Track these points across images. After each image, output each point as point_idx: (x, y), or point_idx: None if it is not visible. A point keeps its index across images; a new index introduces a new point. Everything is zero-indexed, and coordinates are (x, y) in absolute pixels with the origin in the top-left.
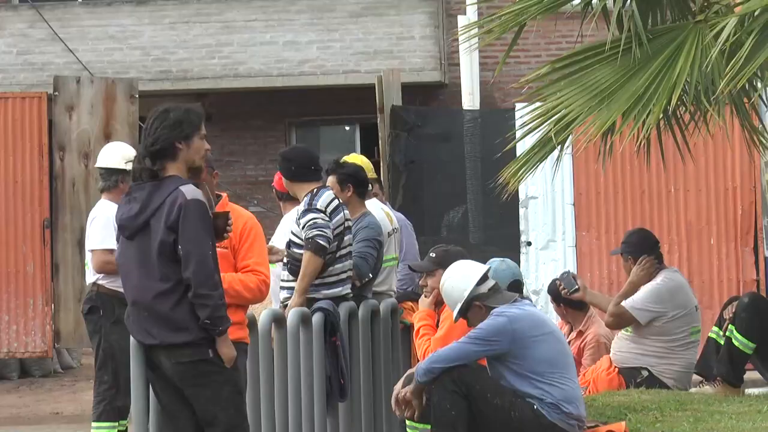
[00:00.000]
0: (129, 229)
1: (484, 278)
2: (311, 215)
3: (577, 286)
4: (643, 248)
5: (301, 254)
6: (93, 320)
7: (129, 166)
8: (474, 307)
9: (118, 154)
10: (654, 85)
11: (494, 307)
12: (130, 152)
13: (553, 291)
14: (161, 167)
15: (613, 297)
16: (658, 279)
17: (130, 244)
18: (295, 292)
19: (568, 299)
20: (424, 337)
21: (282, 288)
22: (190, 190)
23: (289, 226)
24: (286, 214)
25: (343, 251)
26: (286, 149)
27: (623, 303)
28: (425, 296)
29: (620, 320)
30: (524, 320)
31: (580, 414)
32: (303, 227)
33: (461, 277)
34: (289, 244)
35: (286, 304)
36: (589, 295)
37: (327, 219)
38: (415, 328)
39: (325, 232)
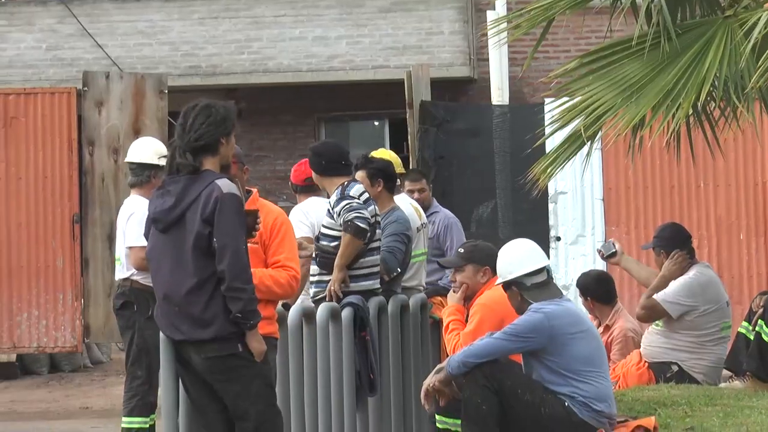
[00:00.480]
0: (163, 222)
1: (539, 271)
2: (345, 201)
3: (614, 250)
4: (675, 242)
5: (331, 247)
6: (126, 316)
7: (161, 162)
8: (511, 291)
9: (150, 150)
10: (683, 80)
11: (531, 302)
12: (162, 148)
13: (582, 285)
14: (200, 163)
15: (651, 269)
16: (690, 273)
17: (163, 237)
18: (335, 267)
19: (596, 294)
20: (454, 332)
21: (311, 283)
22: (225, 184)
23: (298, 217)
24: (297, 206)
25: (373, 245)
26: (316, 144)
27: (655, 296)
28: (454, 291)
29: (652, 313)
30: (562, 317)
31: (611, 412)
32: (339, 214)
33: (517, 258)
34: (318, 237)
35: (317, 299)
36: (624, 261)
37: (361, 203)
38: (444, 323)
39: (362, 213)
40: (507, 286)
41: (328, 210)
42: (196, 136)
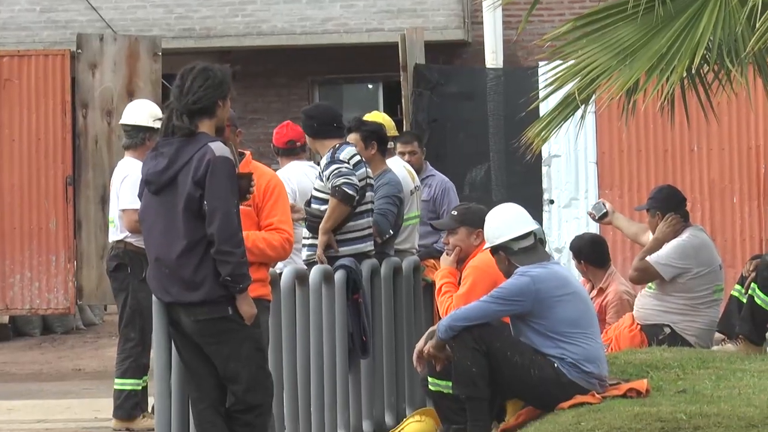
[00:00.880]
0: (156, 184)
1: (526, 236)
2: (335, 165)
3: (605, 210)
4: (670, 204)
5: (320, 210)
6: (120, 278)
7: (156, 124)
8: (499, 255)
9: (145, 112)
10: (677, 43)
11: (519, 266)
12: (157, 110)
13: (575, 249)
14: (196, 126)
15: (639, 224)
16: (684, 236)
17: (156, 199)
18: (320, 231)
19: (589, 257)
20: (446, 295)
21: (303, 245)
22: (218, 147)
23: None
24: (278, 171)
25: (364, 207)
26: (309, 106)
27: (647, 258)
28: (447, 254)
29: (644, 275)
30: (548, 280)
31: (601, 373)
32: (328, 178)
33: (504, 223)
34: (309, 201)
35: (310, 262)
36: (615, 219)
37: (351, 168)
38: (437, 286)
39: (351, 179)
40: (494, 250)
41: (319, 173)
42: (194, 98)
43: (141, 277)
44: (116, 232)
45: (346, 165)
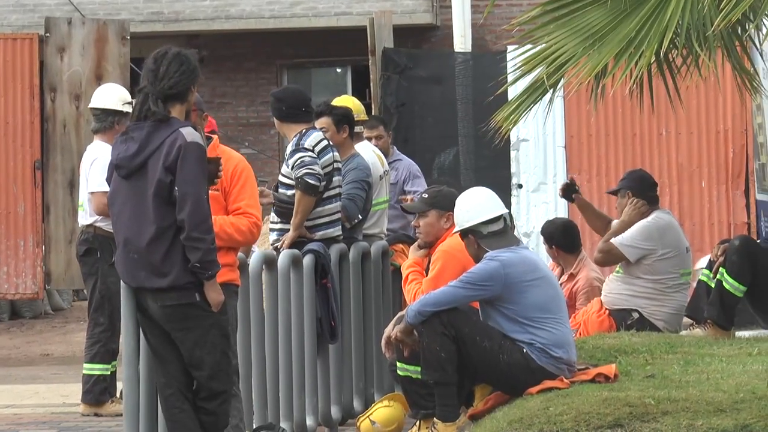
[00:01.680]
0: (126, 169)
1: (495, 219)
2: (298, 155)
3: (576, 187)
4: (641, 186)
5: (287, 196)
6: (89, 262)
7: (125, 108)
8: (468, 239)
9: (114, 96)
10: (645, 27)
11: (488, 250)
12: (126, 94)
13: (547, 234)
14: (168, 110)
15: (603, 212)
16: (650, 218)
17: (125, 183)
18: (291, 225)
19: (561, 242)
20: (413, 283)
21: (271, 230)
22: (189, 132)
23: None
24: None
25: (332, 192)
26: (278, 90)
27: (612, 240)
28: (418, 246)
29: (609, 257)
30: (517, 265)
31: (570, 358)
32: (292, 167)
33: (474, 207)
34: (277, 186)
35: (276, 247)
36: (578, 200)
37: (314, 156)
38: (404, 275)
39: (313, 169)
40: (464, 234)
41: (286, 159)
42: (170, 83)
43: (111, 261)
44: (85, 216)
45: (309, 154)
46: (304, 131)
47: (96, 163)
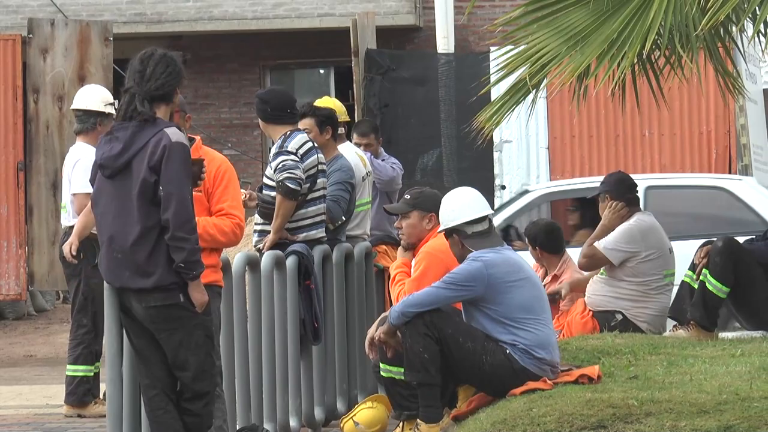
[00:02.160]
0: (110, 169)
1: (480, 220)
2: (281, 158)
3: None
4: (620, 189)
5: (271, 197)
6: (72, 264)
7: (108, 109)
8: (453, 238)
9: (96, 97)
10: (628, 28)
11: (472, 250)
12: (108, 95)
13: (530, 235)
14: (154, 111)
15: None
16: (631, 220)
17: (109, 183)
18: (272, 229)
19: (544, 244)
20: (399, 283)
21: (254, 231)
22: (174, 133)
23: None
24: None
25: (317, 194)
26: (263, 90)
27: (595, 244)
28: (404, 248)
29: (592, 261)
30: (500, 265)
31: (553, 359)
32: (275, 170)
33: (459, 206)
34: (261, 187)
35: (258, 248)
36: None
37: (297, 159)
38: (392, 276)
39: (294, 173)
40: (448, 233)
41: (270, 161)
42: (156, 85)
43: (94, 262)
44: (68, 218)
45: (292, 157)
46: (288, 133)
47: (79, 164)
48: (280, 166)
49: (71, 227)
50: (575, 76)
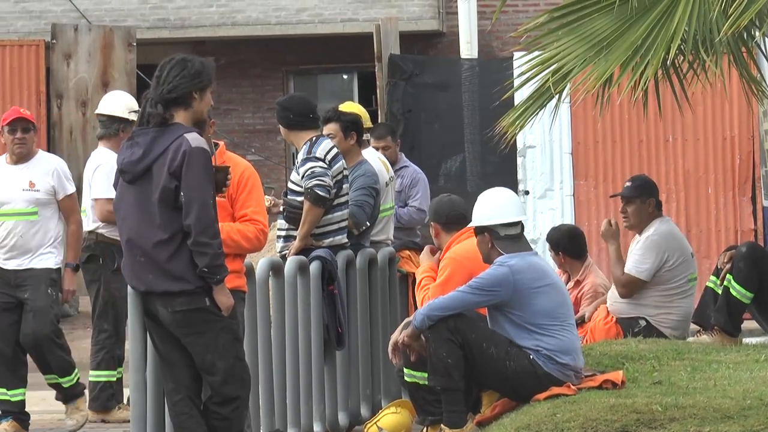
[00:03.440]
0: (130, 174)
1: (514, 224)
2: (310, 164)
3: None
4: (643, 191)
5: (298, 202)
6: (91, 269)
7: (132, 116)
8: (483, 236)
9: (121, 103)
10: (652, 36)
11: (501, 252)
12: (133, 103)
13: (553, 240)
14: (171, 115)
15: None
16: (650, 230)
17: (131, 188)
18: (297, 237)
19: (567, 249)
20: (424, 288)
21: (278, 237)
22: (194, 138)
23: None
24: None
25: (341, 200)
26: (283, 98)
27: (627, 270)
28: (431, 253)
29: (632, 288)
30: (525, 271)
31: (576, 365)
32: (302, 177)
33: (497, 206)
34: (287, 192)
35: (283, 254)
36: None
37: (325, 166)
38: (418, 280)
39: (323, 180)
40: (480, 231)
41: (296, 166)
42: (168, 87)
43: (113, 268)
44: (88, 222)
45: (320, 164)
46: (314, 139)
47: (100, 169)
48: (308, 172)
49: (90, 232)
50: (599, 84)
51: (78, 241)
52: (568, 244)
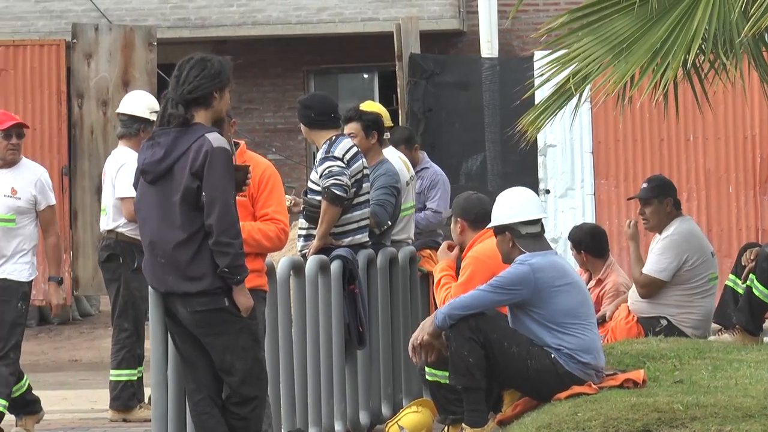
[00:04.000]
0: (152, 174)
1: (535, 222)
2: (327, 163)
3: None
4: (659, 191)
5: (317, 201)
6: (111, 268)
7: (152, 116)
8: (504, 236)
9: (142, 103)
10: (672, 37)
11: (522, 251)
12: (154, 103)
13: (575, 239)
14: (192, 115)
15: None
16: (670, 230)
17: (152, 189)
18: (316, 237)
19: (589, 247)
20: (445, 287)
21: (299, 236)
22: (215, 138)
23: None
24: None
25: (361, 198)
26: (305, 96)
27: (645, 271)
28: (449, 249)
29: (652, 288)
30: (546, 270)
31: (597, 364)
32: (321, 176)
33: (518, 205)
34: (307, 191)
35: (303, 254)
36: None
37: (343, 166)
38: (436, 279)
39: (341, 180)
40: (500, 230)
41: (315, 165)
42: (189, 88)
43: (133, 267)
44: (108, 221)
45: (338, 163)
46: (334, 138)
47: (124, 168)
48: (326, 171)
49: (110, 231)
50: (620, 86)
51: (59, 254)
52: (590, 242)
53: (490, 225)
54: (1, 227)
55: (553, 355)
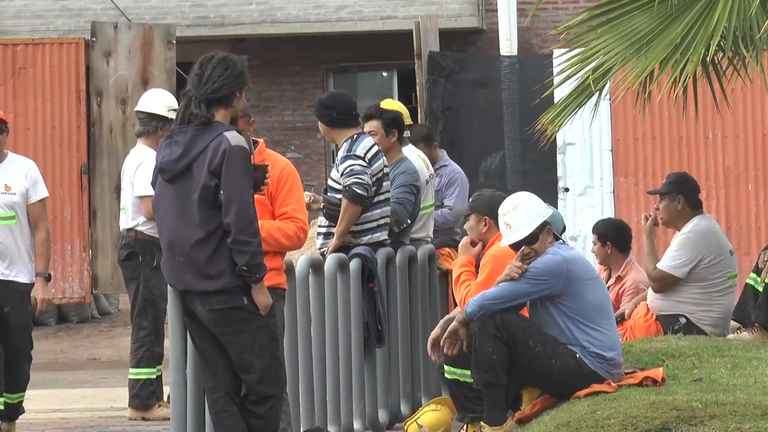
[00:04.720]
0: (170, 173)
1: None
2: (349, 162)
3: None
4: (672, 188)
5: (337, 199)
6: (131, 267)
7: (171, 115)
8: (547, 230)
9: (161, 102)
10: (692, 33)
11: (558, 239)
12: (173, 101)
13: (601, 231)
14: (212, 114)
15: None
16: (688, 227)
17: (170, 187)
18: (335, 234)
19: (615, 240)
20: (464, 284)
21: (318, 234)
22: (234, 136)
23: None
24: None
25: (381, 197)
26: (324, 95)
27: (659, 266)
28: (470, 244)
29: (664, 283)
30: (578, 262)
31: (620, 362)
32: (342, 174)
33: (541, 202)
34: (327, 189)
35: (322, 252)
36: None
37: (365, 165)
38: (455, 275)
39: (362, 179)
40: (542, 227)
41: (336, 164)
42: (213, 87)
43: (152, 265)
44: (127, 220)
45: (360, 162)
46: (355, 136)
47: (143, 166)
48: (347, 170)
49: (129, 229)
50: (639, 81)
51: (48, 249)
52: (616, 235)
53: (531, 224)
54: (4, 226)
55: (578, 355)
